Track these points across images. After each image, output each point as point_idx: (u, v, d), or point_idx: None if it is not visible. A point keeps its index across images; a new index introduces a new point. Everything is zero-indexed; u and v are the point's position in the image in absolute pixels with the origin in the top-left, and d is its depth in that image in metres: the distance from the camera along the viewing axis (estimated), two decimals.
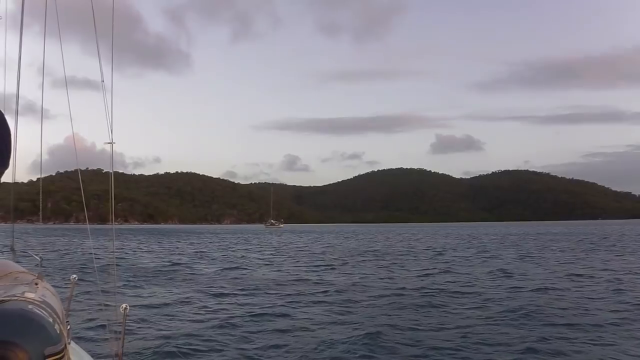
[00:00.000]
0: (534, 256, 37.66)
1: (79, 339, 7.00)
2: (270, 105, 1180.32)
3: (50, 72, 5.44)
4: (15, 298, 2.73)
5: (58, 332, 2.56)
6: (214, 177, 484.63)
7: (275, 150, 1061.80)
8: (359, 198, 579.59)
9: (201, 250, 49.62)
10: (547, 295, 17.96)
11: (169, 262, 33.70)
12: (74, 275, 5.35)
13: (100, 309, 6.00)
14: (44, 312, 2.62)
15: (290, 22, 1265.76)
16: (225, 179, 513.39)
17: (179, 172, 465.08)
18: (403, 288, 19.87)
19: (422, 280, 22.84)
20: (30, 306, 2.62)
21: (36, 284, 3.20)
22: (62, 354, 2.50)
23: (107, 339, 5.20)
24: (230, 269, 28.81)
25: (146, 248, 53.31)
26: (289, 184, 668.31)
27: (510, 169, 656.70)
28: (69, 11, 5.25)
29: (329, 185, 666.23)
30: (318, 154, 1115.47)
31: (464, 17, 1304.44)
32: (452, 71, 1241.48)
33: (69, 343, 2.95)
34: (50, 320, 2.59)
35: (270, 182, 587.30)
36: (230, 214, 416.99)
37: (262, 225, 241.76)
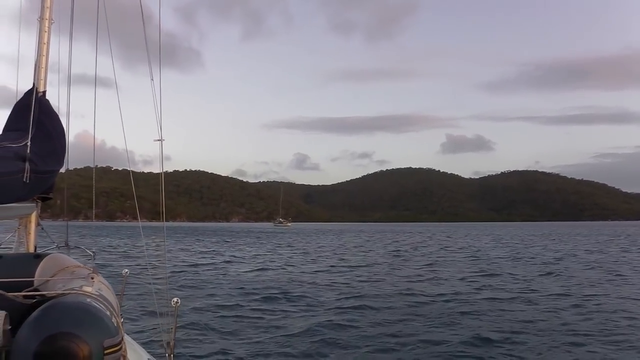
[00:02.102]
0: None
1: (131, 332, 6.99)
2: (280, 103, 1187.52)
3: (62, 69, 5.42)
4: (75, 292, 2.83)
5: (115, 325, 2.62)
6: (223, 175, 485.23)
7: (285, 148, 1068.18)
8: (367, 197, 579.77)
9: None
10: None
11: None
12: (126, 270, 5.69)
13: (152, 303, 6.03)
14: (101, 305, 2.69)
15: (303, 20, 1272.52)
16: (234, 177, 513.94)
17: (188, 170, 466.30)
18: None
19: None
20: (88, 299, 2.69)
21: (92, 278, 3.29)
22: (120, 346, 2.56)
23: (159, 332, 5.24)
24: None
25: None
26: (297, 182, 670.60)
27: (521, 169, 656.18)
28: (80, 7, 5.27)
29: (338, 184, 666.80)
30: (328, 153, 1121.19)
31: (474, 18, 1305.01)
32: (462, 71, 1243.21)
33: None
34: (108, 313, 2.65)
35: (280, 180, 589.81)
36: (239, 212, 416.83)
37: (271, 223, 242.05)
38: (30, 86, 4.74)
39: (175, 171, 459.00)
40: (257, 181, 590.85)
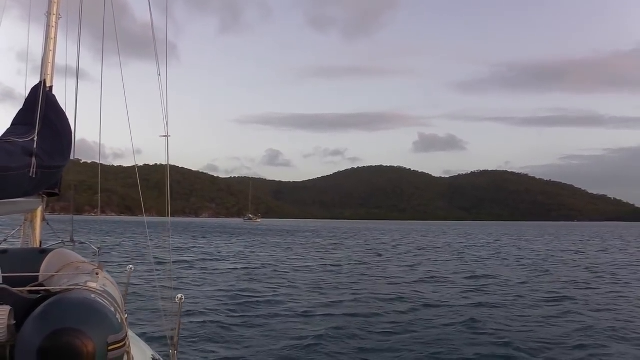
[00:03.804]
0: None
1: (135, 328, 6.91)
2: (254, 98, 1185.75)
3: (32, 58, 5.30)
4: (79, 287, 2.82)
5: (120, 321, 2.62)
6: (194, 170, 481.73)
7: (258, 144, 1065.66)
8: (338, 194, 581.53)
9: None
10: None
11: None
12: (131, 266, 5.62)
13: (156, 299, 5.91)
14: (105, 301, 2.70)
15: (281, 14, 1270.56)
16: (205, 172, 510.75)
17: (158, 164, 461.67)
18: None
19: None
20: (93, 295, 2.69)
21: (97, 274, 3.27)
22: (124, 342, 2.56)
23: (163, 328, 5.11)
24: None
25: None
26: (268, 178, 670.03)
27: (491, 169, 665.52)
28: None
29: (309, 180, 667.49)
30: (300, 150, 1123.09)
31: (450, 17, 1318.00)
32: (436, 70, 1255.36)
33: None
34: (112, 309, 2.65)
35: (251, 176, 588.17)
36: (209, 208, 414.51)
37: (241, 219, 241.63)
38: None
39: (145, 165, 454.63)
40: (228, 176, 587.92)
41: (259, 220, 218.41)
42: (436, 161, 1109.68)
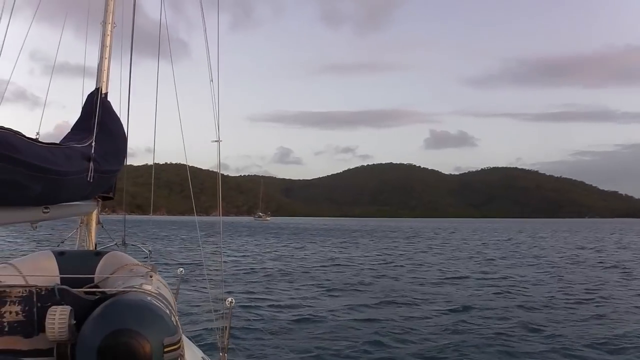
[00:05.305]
0: None
1: (185, 331, 7.25)
2: (266, 96, 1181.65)
3: (44, 57, 5.50)
4: (135, 289, 2.88)
5: (174, 323, 2.67)
6: (203, 168, 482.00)
7: (269, 142, 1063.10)
8: (348, 192, 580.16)
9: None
10: None
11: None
12: (181, 269, 5.73)
13: (207, 302, 6.14)
14: (161, 303, 2.75)
15: (293, 10, 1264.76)
16: (215, 170, 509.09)
17: (168, 163, 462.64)
18: None
19: None
20: (149, 298, 2.75)
21: (150, 276, 3.38)
22: (179, 344, 2.60)
23: (213, 331, 5.37)
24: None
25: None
26: (279, 176, 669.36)
27: (501, 165, 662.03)
28: None
29: (319, 178, 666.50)
30: (311, 147, 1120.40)
31: (461, 13, 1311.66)
32: (447, 66, 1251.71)
33: None
34: (167, 311, 2.70)
35: (261, 174, 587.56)
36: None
37: (251, 217, 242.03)
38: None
39: (155, 164, 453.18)
40: (238, 175, 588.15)
41: (268, 218, 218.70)
42: (447, 158, 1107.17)
